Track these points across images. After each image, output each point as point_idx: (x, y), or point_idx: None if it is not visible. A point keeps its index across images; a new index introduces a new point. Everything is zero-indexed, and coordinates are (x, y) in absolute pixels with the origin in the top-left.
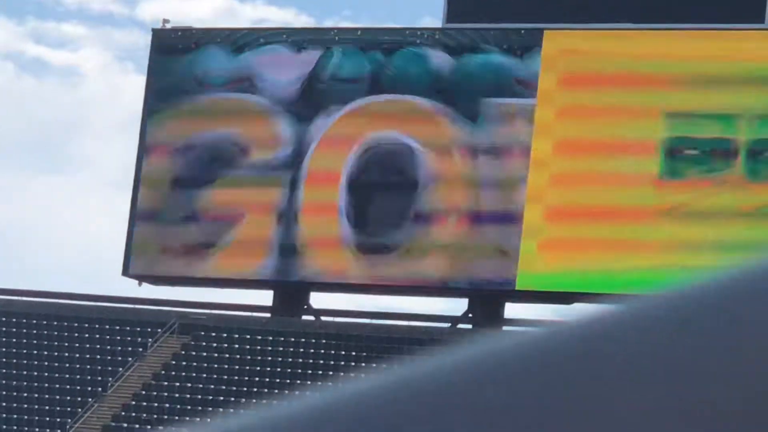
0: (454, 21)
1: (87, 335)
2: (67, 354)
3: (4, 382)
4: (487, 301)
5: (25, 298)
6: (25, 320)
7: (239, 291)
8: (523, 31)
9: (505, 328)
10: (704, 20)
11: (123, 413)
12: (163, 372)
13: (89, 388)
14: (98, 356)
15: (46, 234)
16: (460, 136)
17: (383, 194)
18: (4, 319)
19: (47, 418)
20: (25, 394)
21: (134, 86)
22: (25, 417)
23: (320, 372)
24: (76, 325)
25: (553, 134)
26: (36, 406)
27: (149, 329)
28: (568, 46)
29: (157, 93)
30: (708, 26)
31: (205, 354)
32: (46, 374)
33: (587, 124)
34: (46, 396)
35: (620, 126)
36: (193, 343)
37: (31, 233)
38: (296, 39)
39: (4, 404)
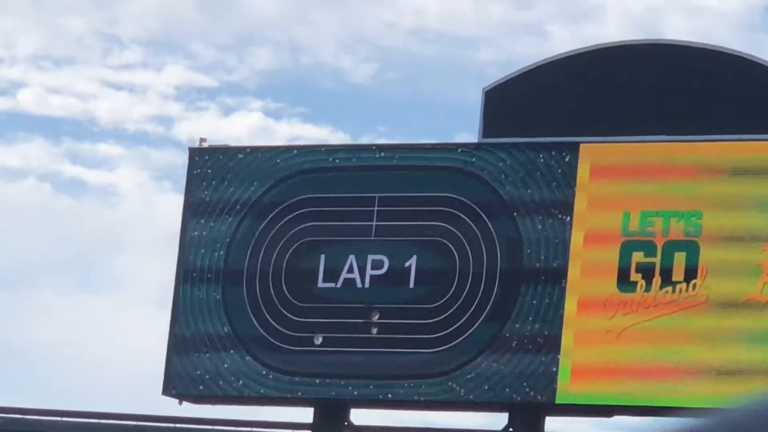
0: (489, 136)
1: None
2: None
3: None
4: (528, 415)
5: (65, 419)
6: None
7: (280, 408)
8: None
9: None
10: (741, 131)
11: None
12: None
13: None
14: None
15: (85, 353)
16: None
17: None
18: None
19: None
20: None
21: (171, 205)
22: None
23: None
24: None
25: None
26: None
27: None
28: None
29: (194, 212)
30: (747, 137)
31: None
32: None
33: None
34: None
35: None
36: None
37: (69, 352)
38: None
39: None
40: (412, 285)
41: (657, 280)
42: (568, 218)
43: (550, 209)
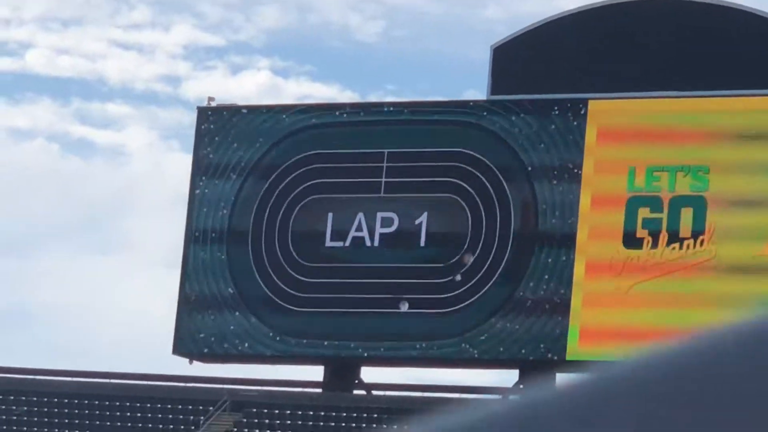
0: (498, 93)
1: (139, 414)
2: None
3: None
4: (538, 372)
5: (75, 379)
6: (76, 401)
7: (290, 367)
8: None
9: None
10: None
11: None
12: None
13: None
14: None
15: (94, 314)
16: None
17: None
18: (55, 399)
19: None
20: None
21: (180, 165)
22: None
23: None
24: (127, 404)
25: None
26: None
27: (201, 407)
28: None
29: (202, 172)
30: (755, 92)
31: (257, 430)
32: None
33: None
34: None
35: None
36: (245, 420)
37: (78, 314)
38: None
39: None
40: (423, 244)
41: (664, 236)
42: (576, 184)
43: (562, 173)
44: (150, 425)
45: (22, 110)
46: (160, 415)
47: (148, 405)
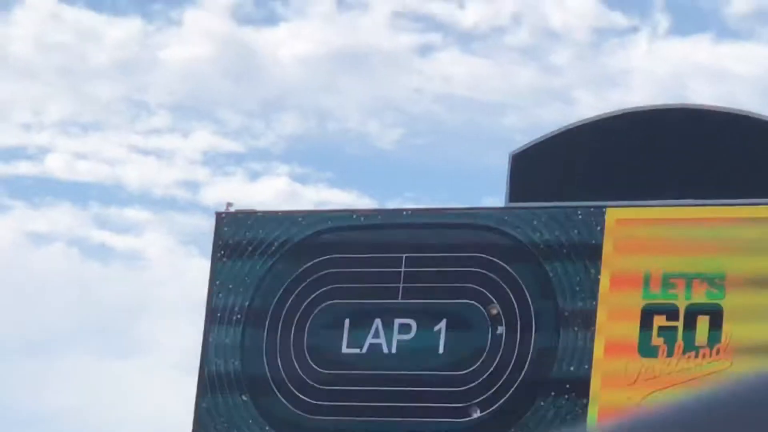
0: (516, 200)
1: None
2: None
3: None
4: None
5: None
6: None
7: None
8: (589, 209)
9: None
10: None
11: None
12: None
13: None
14: None
15: (113, 419)
16: None
17: None
18: None
19: None
20: None
21: (198, 270)
22: None
23: None
24: None
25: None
26: None
27: None
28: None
29: (219, 279)
30: None
31: None
32: None
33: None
34: None
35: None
36: None
37: (97, 418)
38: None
39: None
40: (441, 350)
41: (680, 344)
42: (594, 302)
43: (579, 283)
44: None
45: (42, 214)
46: None
47: None
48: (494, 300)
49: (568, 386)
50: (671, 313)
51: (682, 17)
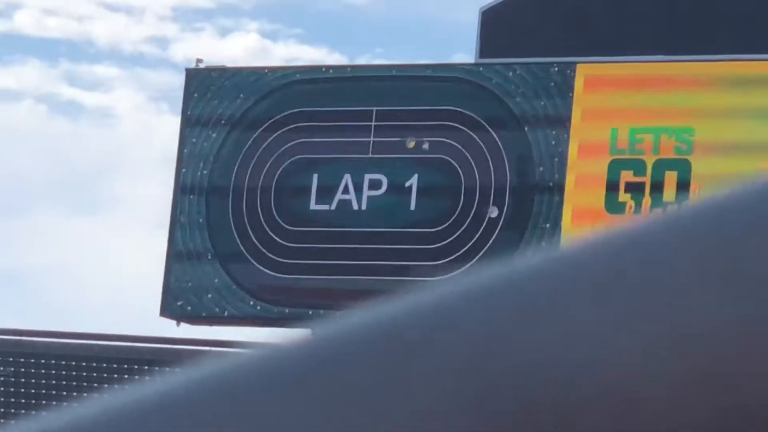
0: (486, 56)
1: (126, 376)
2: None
3: None
4: None
5: (61, 340)
6: (64, 362)
7: (276, 329)
8: (556, 66)
9: None
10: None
11: None
12: None
13: None
14: None
15: (82, 275)
16: None
17: None
18: (42, 361)
19: None
20: None
21: (168, 126)
22: None
23: None
24: (115, 366)
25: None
26: None
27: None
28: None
29: (188, 133)
30: (747, 57)
31: None
32: None
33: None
34: None
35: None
36: None
37: (66, 274)
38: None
39: None
40: (413, 207)
41: (647, 199)
42: (566, 134)
43: (553, 123)
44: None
45: (10, 71)
46: (147, 378)
47: (136, 366)
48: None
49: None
50: (638, 168)
51: None
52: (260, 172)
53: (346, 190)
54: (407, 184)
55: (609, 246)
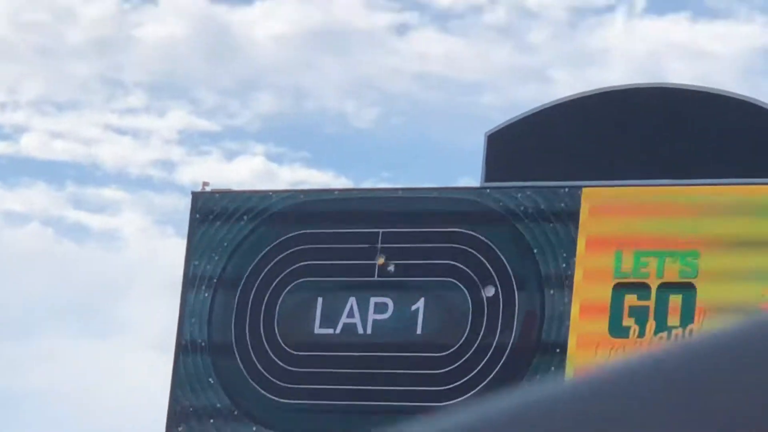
0: (492, 180)
1: None
2: None
3: None
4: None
5: None
6: None
7: None
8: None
9: None
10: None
11: None
12: None
13: None
14: None
15: (88, 398)
16: None
17: None
18: None
19: None
20: None
21: (174, 249)
22: None
23: None
24: None
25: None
26: None
27: None
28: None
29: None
30: (750, 181)
31: None
32: None
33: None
34: None
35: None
36: None
37: (72, 397)
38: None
39: None
40: (419, 331)
41: (651, 324)
42: (572, 259)
43: (559, 247)
44: None
45: (17, 194)
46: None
47: None
48: (482, 281)
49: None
50: (643, 292)
51: None
52: (263, 294)
53: (351, 314)
54: (414, 308)
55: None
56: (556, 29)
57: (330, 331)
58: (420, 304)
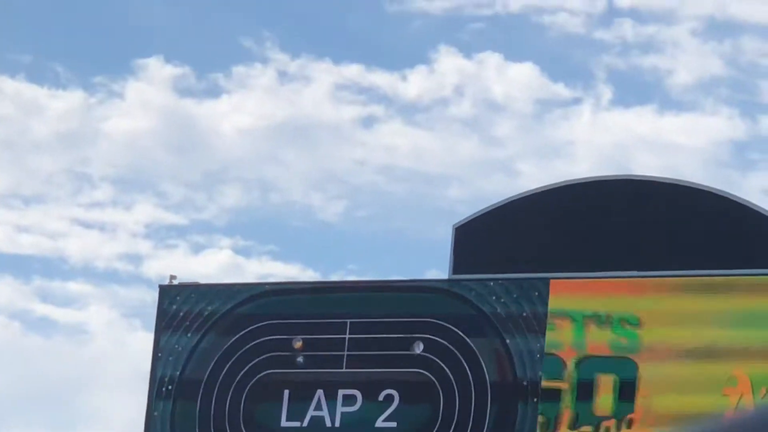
0: (460, 272)
1: None
2: None
3: None
4: None
5: None
6: None
7: None
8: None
9: None
10: (710, 267)
11: None
12: None
13: None
14: None
15: None
16: None
17: None
18: None
19: None
20: None
21: (141, 343)
22: None
23: None
24: None
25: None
26: None
27: None
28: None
29: (162, 350)
30: (716, 273)
31: None
32: None
33: None
34: None
35: None
36: None
37: None
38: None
39: None
40: (389, 424)
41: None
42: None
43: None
44: None
45: None
46: None
47: None
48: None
49: None
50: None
51: (625, 89)
52: (228, 387)
53: (318, 407)
54: (381, 399)
55: None
56: (522, 122)
57: (297, 424)
58: (389, 395)
